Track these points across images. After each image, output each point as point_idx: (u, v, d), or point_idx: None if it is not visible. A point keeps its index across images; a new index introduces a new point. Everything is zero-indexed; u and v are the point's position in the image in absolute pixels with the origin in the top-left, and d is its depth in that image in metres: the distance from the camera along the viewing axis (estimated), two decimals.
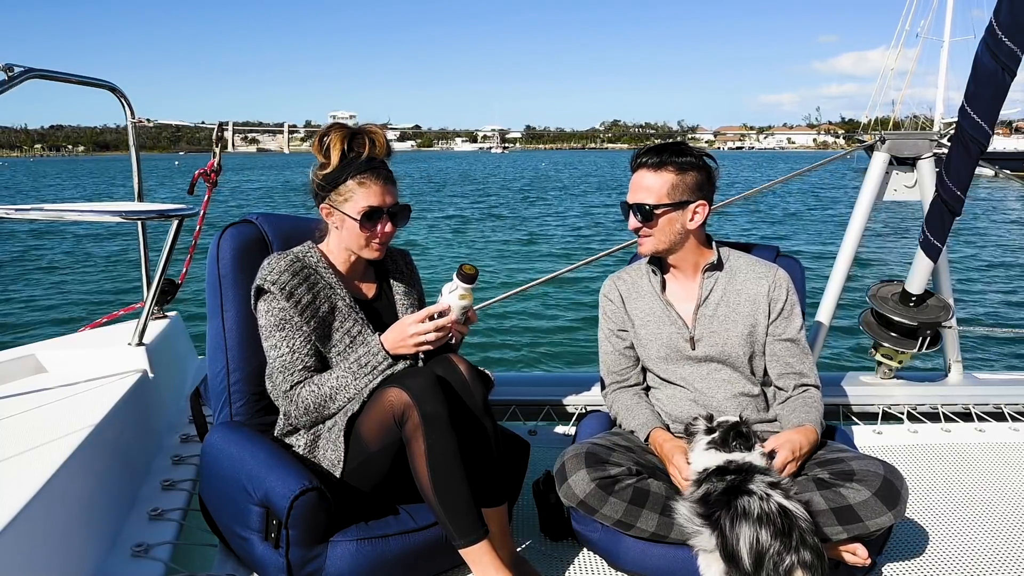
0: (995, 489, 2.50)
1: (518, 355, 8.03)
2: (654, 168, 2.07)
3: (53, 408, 2.13)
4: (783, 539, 1.54)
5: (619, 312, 2.25)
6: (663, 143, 2.10)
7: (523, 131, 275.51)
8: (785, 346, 2.12)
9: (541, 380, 3.29)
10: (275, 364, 1.92)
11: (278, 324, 1.92)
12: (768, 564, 1.54)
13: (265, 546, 1.80)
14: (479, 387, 1.92)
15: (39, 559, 1.60)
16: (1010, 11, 2.39)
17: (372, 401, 1.84)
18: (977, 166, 2.72)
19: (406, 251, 2.26)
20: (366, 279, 2.12)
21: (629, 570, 1.94)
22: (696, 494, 1.74)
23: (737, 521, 1.60)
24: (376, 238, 1.96)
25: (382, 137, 1.98)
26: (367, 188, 1.91)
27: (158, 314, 2.97)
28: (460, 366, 1.92)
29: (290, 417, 1.94)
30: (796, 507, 1.62)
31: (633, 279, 2.28)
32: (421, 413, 1.74)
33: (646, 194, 2.07)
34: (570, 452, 1.95)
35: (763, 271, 2.17)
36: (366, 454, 1.85)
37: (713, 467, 1.77)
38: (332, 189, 1.94)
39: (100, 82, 2.74)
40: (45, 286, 11.92)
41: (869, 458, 1.90)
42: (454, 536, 1.75)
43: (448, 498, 1.74)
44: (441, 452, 1.74)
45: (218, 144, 2.92)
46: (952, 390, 3.25)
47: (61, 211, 2.38)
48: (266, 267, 1.95)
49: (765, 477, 1.70)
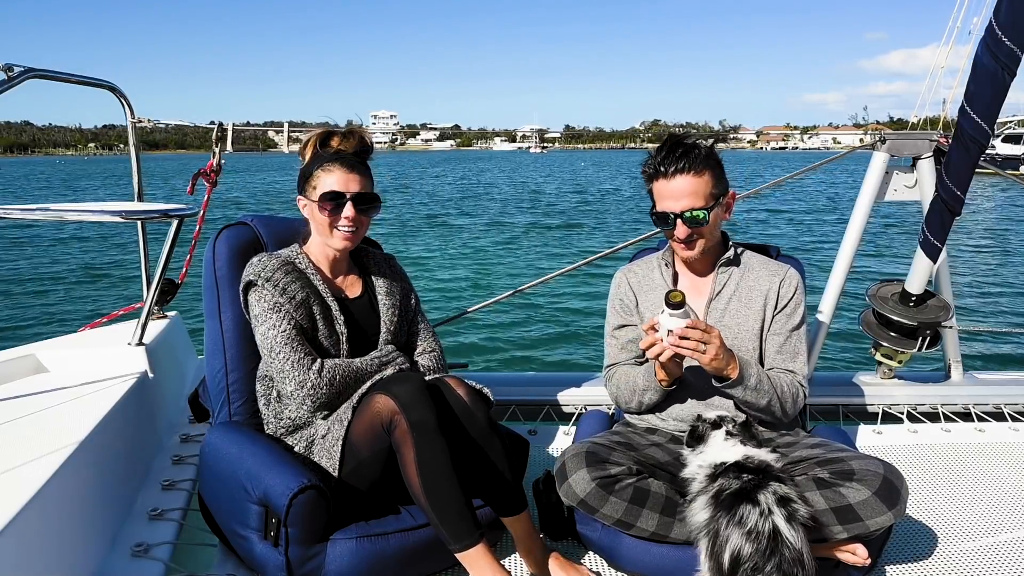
0: (995, 489, 2.50)
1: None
2: (695, 172, 2.03)
3: (53, 408, 2.13)
4: (760, 558, 1.57)
5: (629, 307, 2.25)
6: (676, 144, 2.04)
7: (562, 131, 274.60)
8: (779, 340, 2.13)
9: (541, 380, 3.29)
10: (277, 340, 1.92)
11: (273, 307, 1.94)
12: (742, 573, 1.58)
13: (265, 545, 1.81)
14: (481, 407, 1.96)
15: (39, 559, 1.60)
16: (1010, 11, 2.39)
17: (361, 407, 1.85)
18: (977, 166, 2.72)
19: (392, 256, 2.30)
20: (350, 279, 2.14)
21: (629, 570, 1.94)
22: (711, 489, 1.73)
23: (731, 526, 1.62)
24: (339, 223, 2.00)
25: (355, 135, 2.06)
26: (329, 174, 2.00)
27: (158, 314, 2.97)
28: (459, 390, 1.96)
29: (308, 392, 1.91)
30: (791, 534, 1.59)
31: (644, 272, 2.28)
32: (408, 420, 1.76)
33: (694, 199, 2.03)
34: (570, 451, 1.95)
35: (775, 268, 2.20)
36: (358, 459, 1.86)
37: (731, 462, 1.77)
38: (304, 181, 2.03)
39: (100, 82, 2.74)
40: (45, 286, 11.92)
41: (869, 457, 1.90)
42: (449, 541, 1.76)
43: (440, 503, 1.75)
44: (431, 458, 1.76)
45: (218, 144, 2.92)
46: (952, 390, 3.25)
47: (61, 211, 2.38)
48: (256, 264, 1.99)
49: (779, 488, 1.67)
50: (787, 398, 2.06)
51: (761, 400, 2.01)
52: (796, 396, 2.09)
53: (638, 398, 2.13)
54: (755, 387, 1.99)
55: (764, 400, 2.02)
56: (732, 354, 1.97)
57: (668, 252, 2.27)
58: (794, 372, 2.12)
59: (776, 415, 2.07)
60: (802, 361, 2.14)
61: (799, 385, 2.11)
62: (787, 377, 2.10)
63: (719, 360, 1.92)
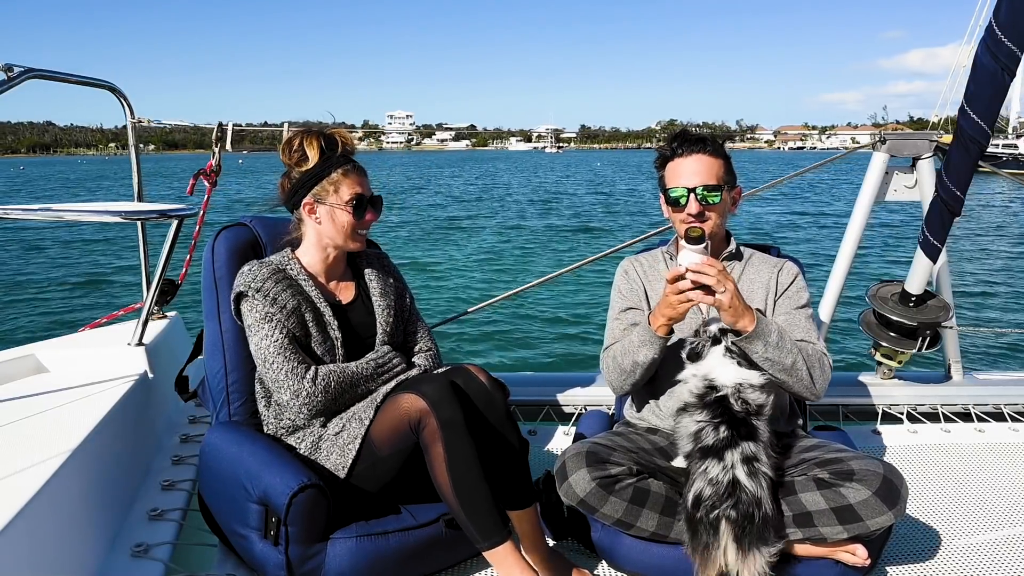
0: (995, 489, 2.50)
1: None
2: (711, 153, 2.08)
3: (53, 408, 2.13)
4: (718, 499, 1.75)
5: (636, 292, 2.23)
6: (688, 132, 2.12)
7: (578, 131, 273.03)
8: (786, 320, 2.09)
9: (541, 380, 3.29)
10: (270, 350, 1.92)
11: (264, 317, 1.94)
12: (702, 509, 1.75)
13: (265, 544, 1.81)
14: (500, 394, 1.97)
15: (39, 559, 1.60)
16: (1010, 11, 2.39)
17: (385, 406, 1.86)
18: (977, 166, 2.72)
19: (384, 253, 2.29)
20: (344, 282, 2.14)
21: (629, 569, 1.94)
22: (701, 420, 1.83)
23: (698, 473, 1.79)
24: (362, 227, 2.03)
25: (349, 136, 2.07)
26: (351, 178, 2.00)
27: (158, 314, 2.97)
28: (480, 376, 1.97)
29: (304, 401, 1.91)
30: (750, 483, 1.74)
31: (650, 263, 2.28)
32: (439, 419, 1.77)
33: (708, 177, 2.06)
34: (570, 451, 1.94)
35: (775, 262, 2.23)
36: (375, 458, 1.86)
37: (724, 392, 1.83)
38: (315, 184, 1.99)
39: (100, 82, 2.75)
40: (45, 285, 11.92)
41: (869, 457, 1.89)
42: (477, 539, 1.77)
43: (469, 502, 1.77)
44: (461, 457, 1.77)
45: (217, 144, 2.92)
46: (952, 390, 3.25)
47: (61, 211, 2.38)
48: (247, 273, 1.98)
49: (748, 447, 1.78)
50: (814, 363, 1.96)
51: (786, 359, 1.89)
52: (822, 363, 1.98)
53: (631, 358, 2.03)
54: (777, 343, 1.89)
55: (789, 359, 1.90)
56: (749, 308, 1.89)
57: (673, 245, 2.28)
58: (809, 343, 2.04)
59: (804, 382, 1.94)
60: (815, 336, 2.08)
61: (822, 353, 2.02)
62: (807, 346, 2.00)
63: (737, 305, 1.84)
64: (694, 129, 2.19)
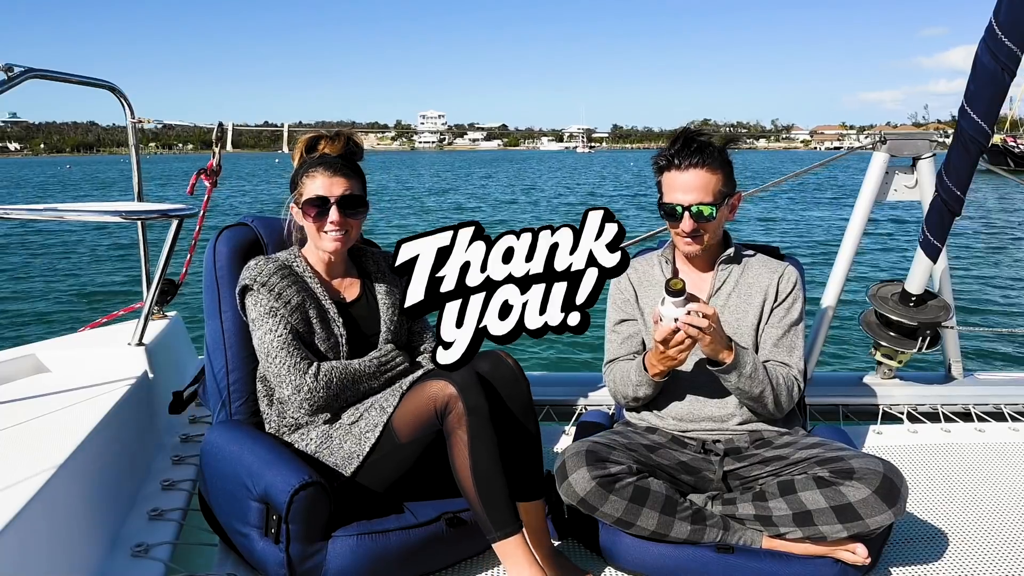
0: (995, 489, 2.50)
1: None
2: (710, 167, 2.05)
3: (53, 408, 2.13)
4: None
5: (629, 302, 2.25)
6: (691, 138, 2.06)
7: (610, 130, 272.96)
8: (776, 333, 2.13)
9: (541, 380, 3.29)
10: (273, 345, 1.93)
11: (269, 311, 1.95)
12: None
13: (265, 542, 1.81)
14: (525, 382, 2.01)
15: (39, 559, 1.60)
16: (1009, 11, 2.39)
17: (412, 392, 1.88)
18: (977, 166, 2.72)
19: (389, 254, 2.28)
20: (348, 281, 2.14)
21: (629, 569, 1.94)
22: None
23: None
24: (325, 227, 2.01)
25: (341, 137, 2.08)
26: (313, 179, 2.01)
27: (158, 314, 2.97)
28: (509, 361, 2.00)
29: (305, 397, 1.92)
30: None
31: (644, 268, 2.28)
32: (466, 404, 1.79)
33: (703, 194, 2.04)
34: (570, 450, 1.95)
35: (775, 266, 2.21)
36: (393, 445, 1.87)
37: None
38: (293, 187, 2.05)
39: (100, 82, 2.75)
40: (45, 285, 11.92)
41: (869, 456, 1.90)
42: (490, 529, 1.78)
43: (487, 490, 1.78)
44: (483, 445, 1.79)
45: (218, 144, 2.93)
46: (952, 390, 3.25)
47: (62, 211, 2.38)
48: (253, 267, 1.99)
49: None
50: (782, 390, 2.05)
51: (755, 389, 2.00)
52: (791, 389, 2.08)
53: (632, 392, 2.13)
54: (750, 375, 1.99)
55: (758, 389, 2.01)
56: (729, 340, 1.98)
57: (669, 249, 2.27)
58: (790, 366, 2.11)
59: (769, 408, 2.05)
60: (798, 356, 2.14)
61: (794, 379, 2.10)
62: (783, 370, 2.09)
63: (716, 343, 1.92)
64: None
